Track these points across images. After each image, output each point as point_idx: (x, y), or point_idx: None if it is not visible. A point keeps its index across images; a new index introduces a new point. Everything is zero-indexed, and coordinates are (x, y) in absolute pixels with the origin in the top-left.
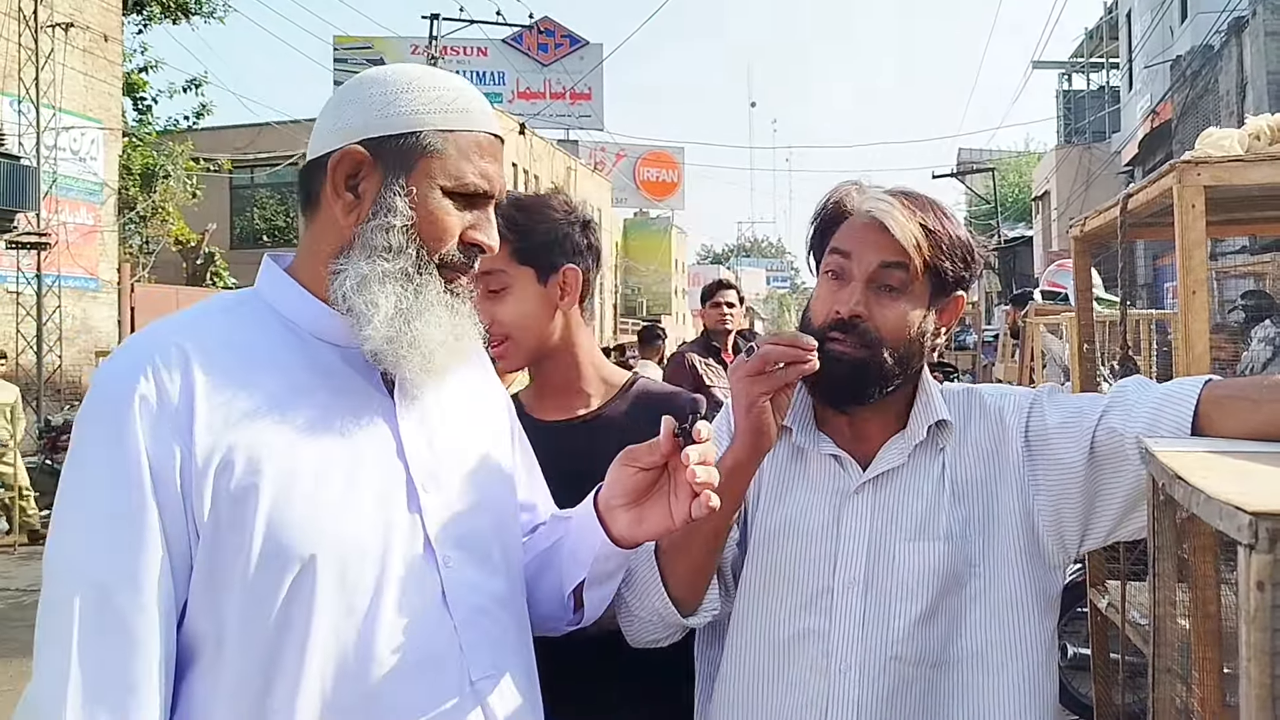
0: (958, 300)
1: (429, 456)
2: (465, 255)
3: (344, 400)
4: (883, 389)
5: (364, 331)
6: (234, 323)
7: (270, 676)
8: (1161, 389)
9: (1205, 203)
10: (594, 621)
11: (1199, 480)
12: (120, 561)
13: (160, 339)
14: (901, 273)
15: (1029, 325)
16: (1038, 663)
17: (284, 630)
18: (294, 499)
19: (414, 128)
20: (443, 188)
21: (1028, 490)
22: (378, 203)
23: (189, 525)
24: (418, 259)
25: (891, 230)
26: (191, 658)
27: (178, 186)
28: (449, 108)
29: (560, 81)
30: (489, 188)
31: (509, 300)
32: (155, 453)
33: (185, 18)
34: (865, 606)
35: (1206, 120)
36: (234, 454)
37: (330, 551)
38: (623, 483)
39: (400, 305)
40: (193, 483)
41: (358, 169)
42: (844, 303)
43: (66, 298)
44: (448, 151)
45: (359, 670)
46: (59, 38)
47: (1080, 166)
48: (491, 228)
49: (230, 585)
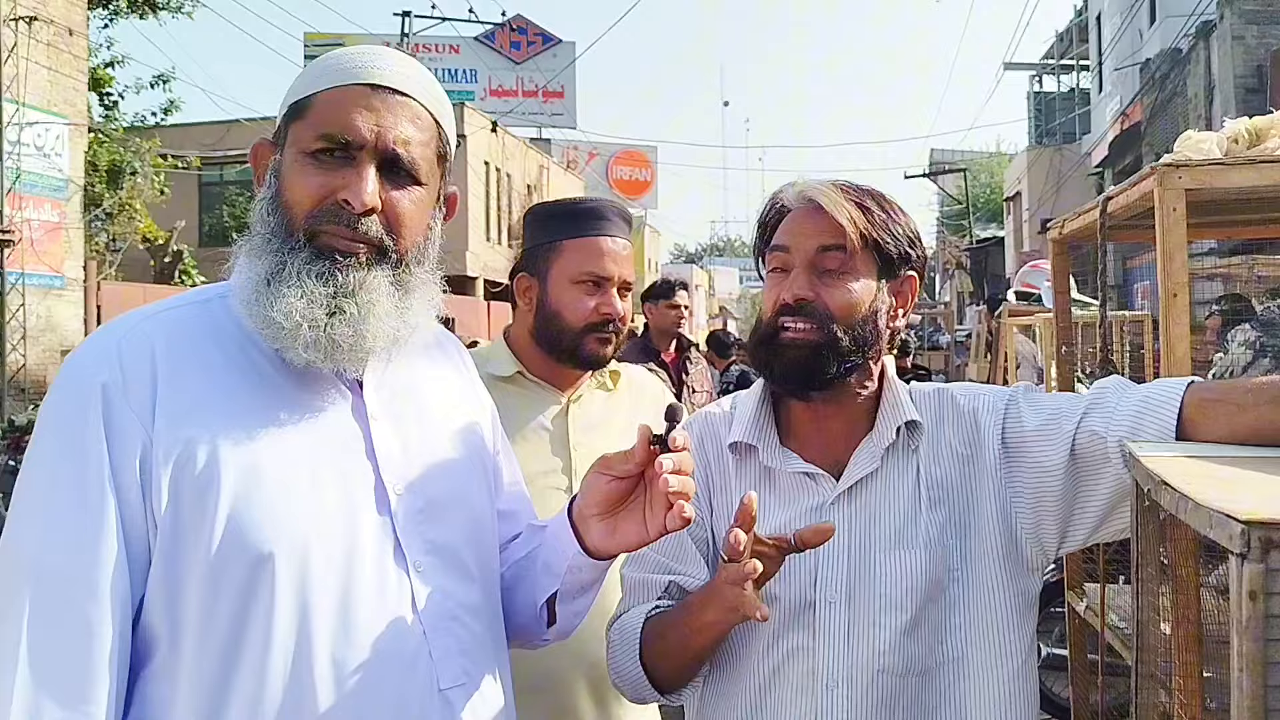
0: (910, 280)
1: (402, 459)
2: (335, 217)
3: (311, 397)
4: (841, 368)
5: (235, 309)
6: (207, 315)
7: (229, 676)
8: (1143, 391)
9: (1185, 206)
10: (569, 635)
11: (1187, 487)
12: (75, 552)
13: (128, 329)
14: (840, 253)
15: (1003, 326)
16: (1019, 665)
17: (242, 629)
18: (255, 494)
19: (289, 101)
20: (302, 149)
21: (1005, 493)
22: (264, 181)
23: (148, 517)
24: (283, 228)
25: (825, 207)
26: (147, 655)
27: (145, 183)
28: (324, 75)
29: (533, 79)
30: (351, 136)
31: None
32: (116, 443)
33: (153, 12)
34: (849, 620)
35: (1175, 123)
36: (196, 446)
37: (290, 549)
38: (597, 492)
39: (253, 272)
40: (153, 474)
41: (265, 158)
42: (788, 289)
43: (30, 296)
44: (308, 114)
45: (321, 673)
46: (22, 31)
47: (1051, 168)
48: (360, 181)
49: (188, 580)
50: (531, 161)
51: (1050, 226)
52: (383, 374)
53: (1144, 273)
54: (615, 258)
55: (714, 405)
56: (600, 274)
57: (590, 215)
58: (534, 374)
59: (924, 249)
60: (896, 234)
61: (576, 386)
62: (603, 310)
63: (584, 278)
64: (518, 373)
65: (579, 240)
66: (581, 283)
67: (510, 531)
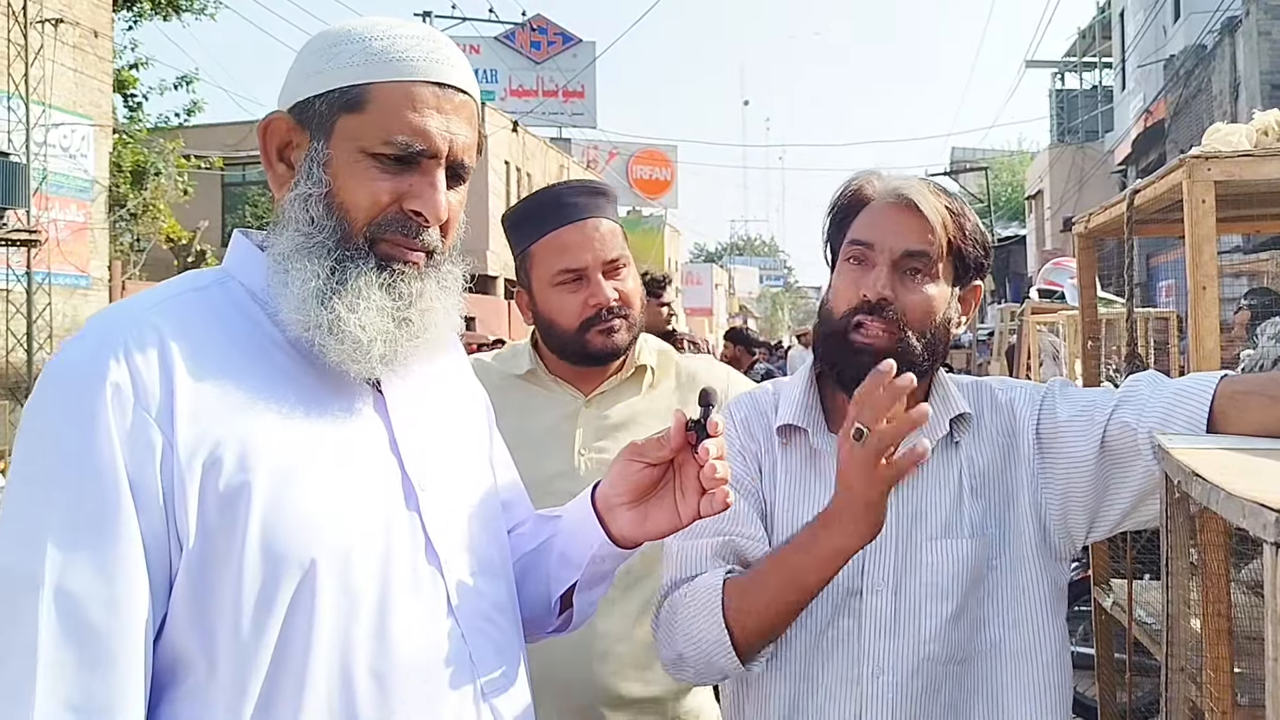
0: (976, 289)
1: (422, 452)
2: (403, 228)
3: (333, 391)
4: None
5: (279, 316)
6: (208, 303)
7: (271, 695)
8: (1175, 384)
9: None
10: (579, 628)
11: (1219, 478)
12: (93, 569)
13: (131, 318)
14: (926, 257)
15: (1026, 323)
16: (1054, 653)
17: (285, 644)
18: (290, 498)
19: (334, 85)
20: (364, 149)
21: (1037, 483)
22: (300, 171)
23: (170, 531)
24: (340, 233)
25: (920, 206)
26: (173, 679)
27: (169, 184)
28: (376, 58)
29: (553, 79)
30: (425, 145)
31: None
32: (131, 449)
33: (176, 14)
34: (896, 608)
35: (1200, 120)
36: (222, 449)
37: (332, 555)
38: (628, 479)
39: (312, 285)
40: (175, 483)
41: (286, 137)
42: (870, 286)
43: (57, 295)
44: (369, 108)
45: (367, 684)
46: (49, 33)
47: (1073, 166)
48: (434, 193)
49: (221, 597)
50: (552, 161)
51: (1076, 220)
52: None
53: (1168, 270)
54: (585, 243)
55: (759, 389)
56: (574, 267)
57: (549, 208)
58: (553, 372)
59: (991, 257)
60: (977, 241)
61: (599, 385)
62: (591, 302)
63: (560, 278)
64: (531, 370)
65: (543, 240)
66: (560, 283)
67: (510, 522)
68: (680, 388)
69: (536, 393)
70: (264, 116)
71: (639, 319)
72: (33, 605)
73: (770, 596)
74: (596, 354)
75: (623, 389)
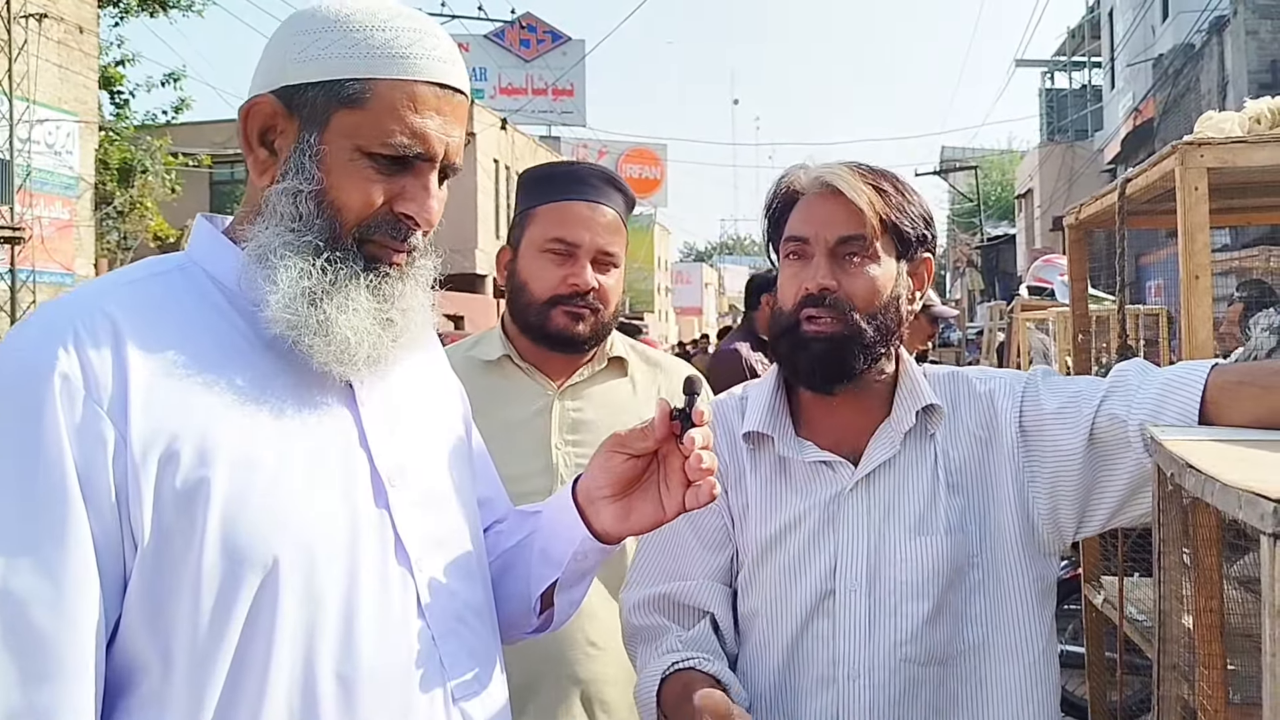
0: (926, 262)
1: (394, 447)
2: (393, 230)
3: (298, 381)
4: (866, 360)
5: (262, 313)
6: (167, 290)
7: (230, 700)
8: (1165, 374)
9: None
10: (561, 627)
11: (1213, 469)
12: (39, 570)
13: (82, 306)
14: (862, 240)
15: (1015, 320)
16: (1040, 651)
17: (245, 646)
18: (251, 494)
19: (332, 75)
20: (361, 148)
21: (1022, 476)
22: (288, 163)
23: (124, 529)
24: (330, 232)
25: (844, 192)
26: (128, 684)
27: (156, 181)
28: (378, 51)
29: (542, 77)
30: (424, 149)
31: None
32: (81, 443)
33: (163, 10)
34: (870, 607)
35: (1188, 118)
36: (179, 443)
37: (295, 554)
38: (610, 472)
39: (303, 284)
40: (129, 478)
41: (271, 122)
42: (811, 278)
43: (42, 293)
44: (369, 104)
45: (331, 689)
46: (33, 29)
47: (1063, 165)
48: (427, 197)
49: (178, 598)
50: (541, 159)
51: (1068, 212)
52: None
53: (1157, 270)
54: (589, 224)
55: (725, 394)
56: (569, 240)
57: (566, 179)
58: (524, 359)
59: (935, 228)
60: (913, 215)
61: (569, 375)
62: (570, 280)
63: (551, 245)
64: (504, 357)
65: (549, 205)
66: (549, 251)
67: (488, 518)
68: (649, 379)
69: (508, 382)
70: (247, 98)
71: (610, 320)
72: None
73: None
74: (555, 333)
75: (595, 380)
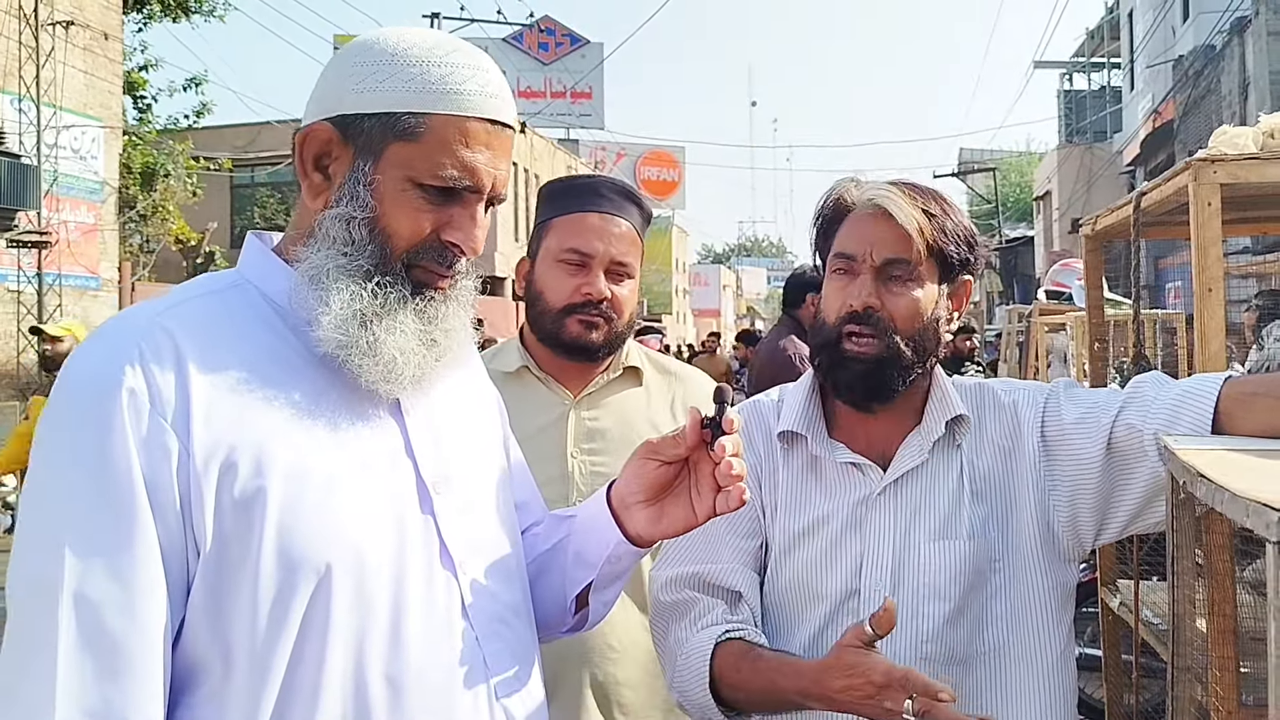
0: (966, 285)
1: (437, 455)
2: (440, 257)
3: (347, 392)
4: (904, 380)
5: (314, 332)
6: (222, 307)
7: (287, 699)
8: (1180, 385)
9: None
10: (595, 628)
11: (1223, 478)
12: (110, 575)
13: (144, 323)
14: (906, 264)
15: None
16: (1058, 655)
17: (300, 648)
18: (305, 503)
19: (387, 108)
20: (413, 179)
21: (1044, 485)
22: (342, 189)
23: (188, 536)
24: (380, 257)
25: (895, 215)
26: (191, 683)
27: (178, 185)
28: (434, 87)
29: (561, 80)
30: (473, 181)
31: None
32: (147, 454)
33: (185, 16)
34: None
35: (1209, 120)
36: (237, 454)
37: (347, 560)
38: (643, 478)
39: (355, 306)
40: (191, 488)
41: (326, 148)
42: (855, 296)
43: (67, 296)
44: (423, 138)
45: (380, 688)
46: (59, 35)
47: (1082, 167)
48: (474, 227)
49: (237, 601)
50: (559, 162)
51: (1084, 223)
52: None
53: (1176, 273)
54: (603, 235)
55: (762, 395)
56: (583, 250)
57: (582, 191)
58: (542, 369)
59: (981, 250)
60: (959, 239)
61: (586, 385)
62: (584, 290)
63: (566, 256)
64: (523, 368)
65: (566, 217)
66: (563, 261)
67: (525, 522)
68: (667, 389)
69: (526, 392)
70: (302, 124)
71: (625, 330)
72: (52, 612)
73: (754, 693)
74: (570, 342)
75: (610, 389)
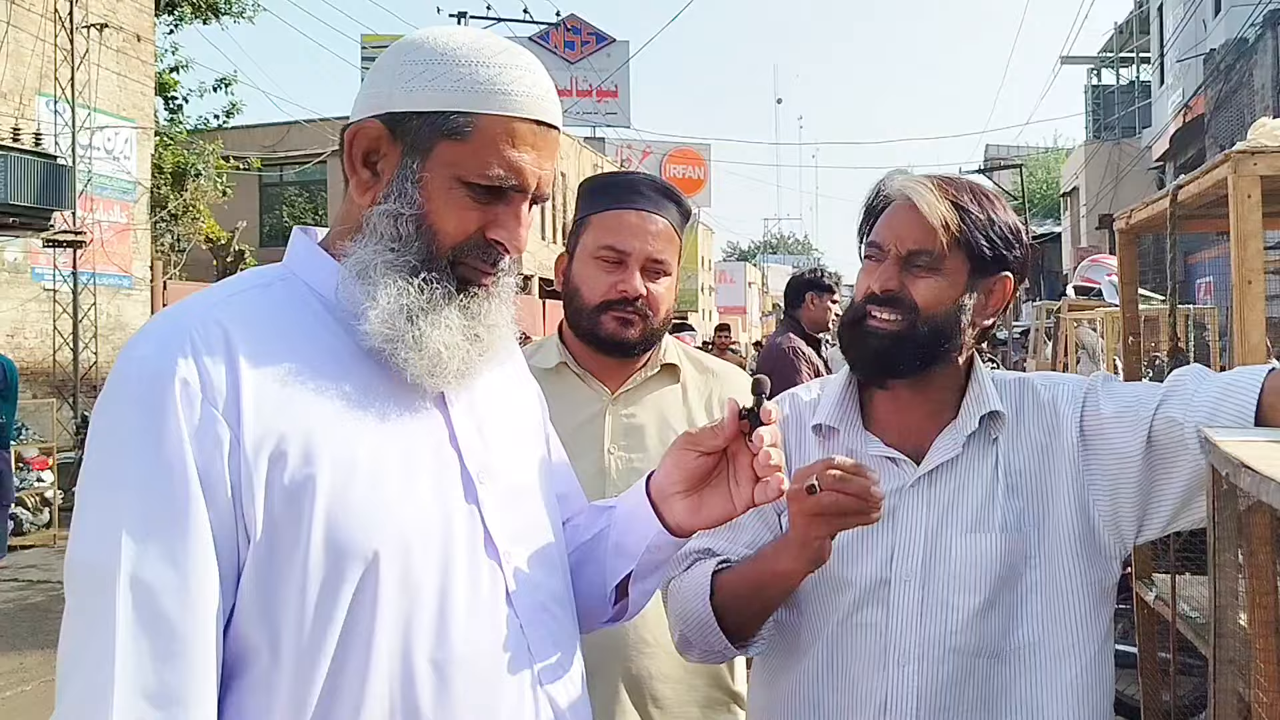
0: (1004, 281)
1: (481, 446)
2: (484, 254)
3: (393, 384)
4: (917, 361)
5: (361, 326)
6: (271, 300)
7: (334, 684)
8: (1222, 378)
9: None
10: (634, 618)
11: (1268, 469)
12: (165, 560)
13: (196, 316)
14: (929, 254)
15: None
16: (1093, 655)
17: (348, 634)
18: (353, 491)
19: (437, 107)
20: (460, 178)
21: (1083, 481)
22: (390, 186)
23: (239, 523)
24: (427, 253)
25: (919, 207)
26: (240, 668)
27: (208, 185)
28: (482, 88)
29: (587, 79)
30: (518, 181)
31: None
32: (200, 443)
33: (215, 18)
34: (923, 598)
35: (1240, 115)
36: (287, 443)
37: (394, 547)
38: (683, 468)
39: (401, 301)
40: (242, 476)
41: (375, 145)
42: (878, 280)
43: (101, 295)
44: (471, 138)
45: (427, 673)
46: (94, 38)
47: (1110, 162)
48: (518, 226)
49: (286, 588)
50: (586, 161)
51: (1117, 217)
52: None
53: (1206, 269)
54: (639, 232)
55: (803, 388)
56: (619, 248)
57: (620, 189)
58: (580, 365)
59: (1026, 247)
60: (992, 234)
61: (623, 381)
62: (620, 287)
63: (602, 253)
64: (561, 364)
65: (603, 214)
66: (600, 258)
67: (565, 513)
68: (703, 385)
69: (564, 388)
70: (351, 120)
71: (661, 327)
72: (110, 596)
73: (741, 598)
74: (606, 338)
75: (648, 386)
